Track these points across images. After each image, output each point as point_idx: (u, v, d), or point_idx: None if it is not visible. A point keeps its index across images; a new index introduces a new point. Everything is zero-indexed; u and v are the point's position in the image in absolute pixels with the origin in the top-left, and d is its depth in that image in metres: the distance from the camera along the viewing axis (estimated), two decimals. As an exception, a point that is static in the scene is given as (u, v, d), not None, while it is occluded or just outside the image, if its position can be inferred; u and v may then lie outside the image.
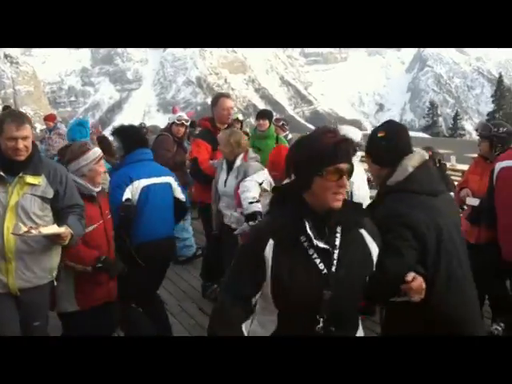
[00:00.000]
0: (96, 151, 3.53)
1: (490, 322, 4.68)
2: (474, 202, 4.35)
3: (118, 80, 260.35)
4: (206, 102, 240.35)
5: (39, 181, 3.06)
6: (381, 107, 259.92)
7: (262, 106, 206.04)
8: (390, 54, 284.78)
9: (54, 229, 3.01)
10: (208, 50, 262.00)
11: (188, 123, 6.70)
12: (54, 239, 3.04)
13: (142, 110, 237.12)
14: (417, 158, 2.49)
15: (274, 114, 8.05)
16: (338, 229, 1.95)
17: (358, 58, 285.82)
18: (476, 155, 4.85)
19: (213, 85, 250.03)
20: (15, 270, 3.04)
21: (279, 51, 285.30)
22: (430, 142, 20.87)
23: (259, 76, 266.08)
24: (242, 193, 4.41)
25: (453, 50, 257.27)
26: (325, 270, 1.89)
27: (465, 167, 12.41)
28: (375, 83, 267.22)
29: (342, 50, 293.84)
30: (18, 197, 3.00)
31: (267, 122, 6.57)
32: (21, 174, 3.01)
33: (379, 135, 2.50)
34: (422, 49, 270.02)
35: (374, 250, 2.05)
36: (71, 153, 3.49)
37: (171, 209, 4.28)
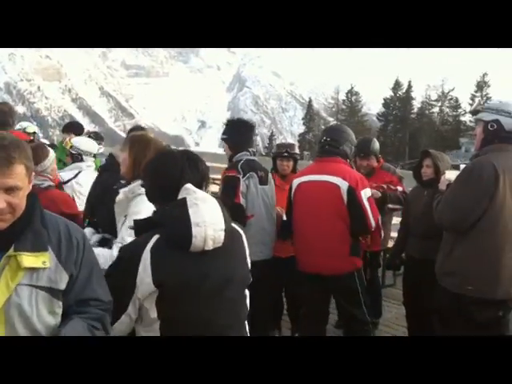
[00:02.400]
0: (52, 151, 3.67)
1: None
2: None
3: None
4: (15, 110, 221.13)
5: (44, 260, 1.66)
6: (203, 124, 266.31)
7: (79, 117, 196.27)
8: (211, 72, 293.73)
9: None
10: (19, 53, 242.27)
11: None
12: None
13: None
14: None
15: (94, 126, 7.47)
16: None
17: (179, 74, 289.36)
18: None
19: (24, 92, 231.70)
20: None
21: (99, 61, 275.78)
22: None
23: (76, 85, 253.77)
24: None
25: (269, 73, 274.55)
26: None
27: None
28: (197, 100, 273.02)
29: (164, 64, 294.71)
30: (7, 292, 1.62)
31: (73, 136, 5.99)
32: (11, 252, 1.62)
33: None
34: (240, 70, 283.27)
35: None
36: (37, 155, 3.33)
37: None
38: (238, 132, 4.13)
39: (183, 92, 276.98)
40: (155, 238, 1.92)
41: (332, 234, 3.73)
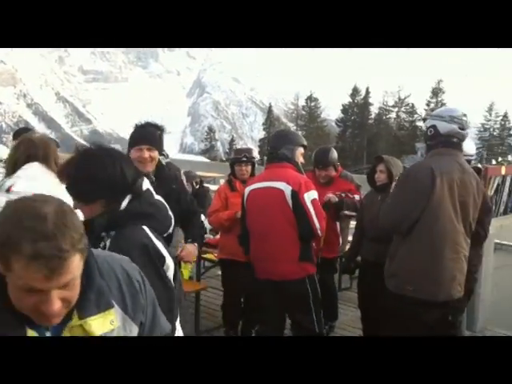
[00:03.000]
0: None
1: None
2: None
3: None
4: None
5: (112, 320, 1.40)
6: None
7: (34, 122, 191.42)
8: (171, 77, 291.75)
9: None
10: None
11: None
12: None
13: None
14: None
15: (50, 131, 7.28)
16: None
17: (138, 79, 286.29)
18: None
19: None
20: None
21: (55, 66, 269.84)
22: (208, 166, 21.60)
23: (32, 90, 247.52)
24: None
25: (230, 78, 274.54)
26: None
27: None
28: (157, 105, 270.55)
29: (123, 69, 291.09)
30: None
31: None
32: (75, 321, 1.34)
33: None
34: (201, 75, 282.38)
35: None
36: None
37: None
38: None
39: (142, 97, 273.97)
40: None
41: (281, 238, 3.73)
